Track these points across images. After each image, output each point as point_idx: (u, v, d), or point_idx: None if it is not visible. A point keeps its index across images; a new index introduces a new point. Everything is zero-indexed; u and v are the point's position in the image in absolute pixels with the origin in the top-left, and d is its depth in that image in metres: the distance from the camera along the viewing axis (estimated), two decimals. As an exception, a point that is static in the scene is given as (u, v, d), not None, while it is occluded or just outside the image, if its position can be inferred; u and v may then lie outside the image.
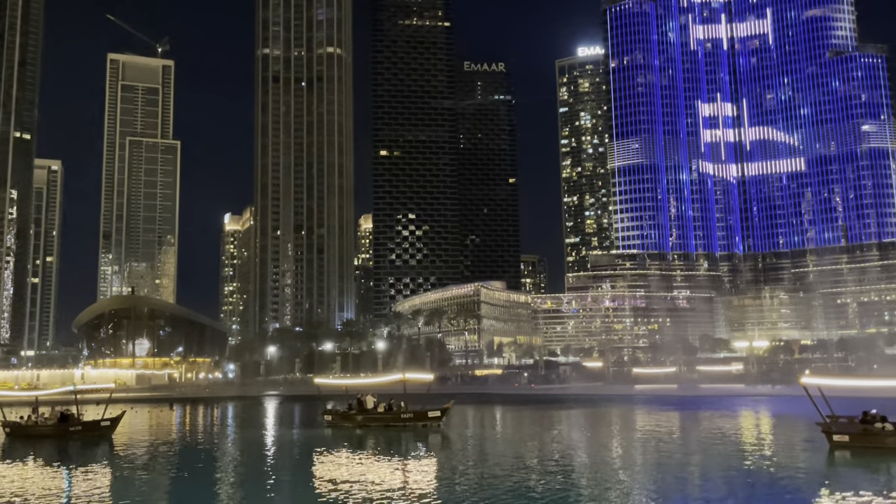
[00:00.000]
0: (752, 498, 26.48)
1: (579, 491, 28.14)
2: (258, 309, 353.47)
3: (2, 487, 32.21)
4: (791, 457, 37.44)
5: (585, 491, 28.16)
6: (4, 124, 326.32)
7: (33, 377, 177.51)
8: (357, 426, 56.98)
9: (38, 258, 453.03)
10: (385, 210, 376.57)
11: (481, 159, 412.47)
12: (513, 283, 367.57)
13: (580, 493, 27.77)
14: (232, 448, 48.48)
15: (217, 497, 29.69)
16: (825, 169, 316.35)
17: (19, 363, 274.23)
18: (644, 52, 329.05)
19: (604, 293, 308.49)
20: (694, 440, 46.45)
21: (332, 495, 27.64)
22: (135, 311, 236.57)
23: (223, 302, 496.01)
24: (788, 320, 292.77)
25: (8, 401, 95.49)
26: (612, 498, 26.46)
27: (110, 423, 55.51)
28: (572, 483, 29.98)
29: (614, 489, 28.24)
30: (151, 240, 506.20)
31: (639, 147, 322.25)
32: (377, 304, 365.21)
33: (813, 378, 47.20)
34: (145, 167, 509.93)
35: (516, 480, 30.90)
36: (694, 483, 30.43)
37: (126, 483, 33.10)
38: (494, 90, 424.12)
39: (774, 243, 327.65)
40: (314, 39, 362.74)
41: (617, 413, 72.59)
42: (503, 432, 58.16)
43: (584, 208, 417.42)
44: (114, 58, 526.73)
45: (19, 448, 48.70)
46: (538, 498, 26.48)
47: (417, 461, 38.17)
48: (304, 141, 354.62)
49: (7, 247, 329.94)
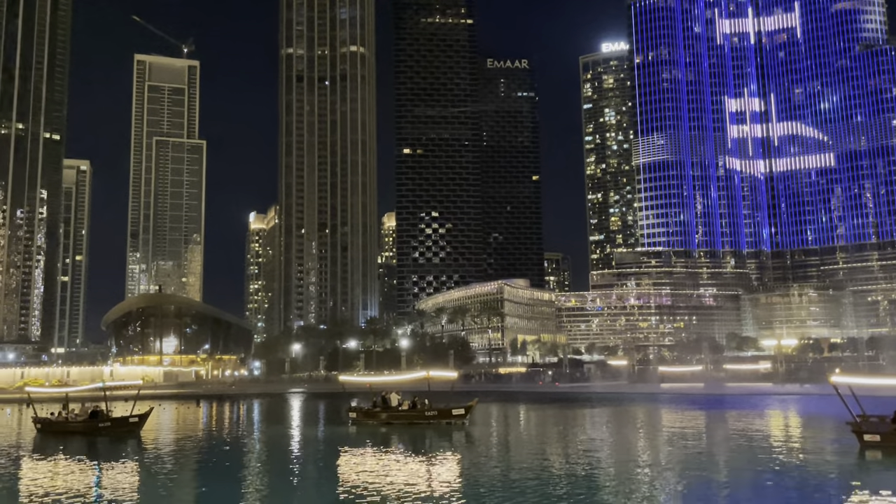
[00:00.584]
0: (780, 498, 26.10)
1: (604, 489, 27.95)
2: (283, 307, 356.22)
3: (35, 482, 32.77)
4: (820, 457, 36.86)
5: (610, 490, 27.95)
6: (34, 125, 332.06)
7: (63, 374, 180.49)
8: (381, 423, 57.16)
9: (67, 257, 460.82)
10: (408, 208, 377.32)
11: (504, 157, 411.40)
12: (536, 280, 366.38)
13: (605, 491, 27.57)
14: (258, 445, 48.88)
15: (244, 492, 29.94)
16: (855, 164, 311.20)
17: (50, 360, 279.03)
18: (669, 47, 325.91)
19: (629, 291, 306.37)
20: (721, 439, 45.93)
21: (358, 492, 27.73)
22: (162, 309, 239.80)
23: (248, 300, 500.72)
24: (817, 318, 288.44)
25: (39, 397, 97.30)
26: (638, 498, 26.23)
27: (139, 419, 56.25)
28: (597, 481, 29.78)
29: (640, 489, 28.00)
30: (178, 238, 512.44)
31: (664, 143, 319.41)
32: (400, 302, 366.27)
33: (843, 377, 46.39)
34: (172, 167, 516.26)
35: (541, 478, 30.76)
36: (720, 483, 30.07)
37: (154, 478, 33.50)
38: (517, 87, 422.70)
39: (803, 240, 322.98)
40: (337, 38, 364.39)
41: (642, 412, 72.03)
42: (527, 430, 57.97)
43: (608, 205, 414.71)
44: (140, 59, 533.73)
45: (51, 444, 49.53)
46: (563, 496, 26.34)
47: (442, 459, 38.18)
48: (328, 140, 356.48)
49: (37, 246, 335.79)
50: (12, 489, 31.16)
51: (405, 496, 26.52)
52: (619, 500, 25.94)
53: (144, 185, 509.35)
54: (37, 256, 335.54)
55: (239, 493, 29.74)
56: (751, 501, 25.42)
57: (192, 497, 29.25)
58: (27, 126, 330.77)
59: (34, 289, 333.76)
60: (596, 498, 26.25)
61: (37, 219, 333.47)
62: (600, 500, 25.88)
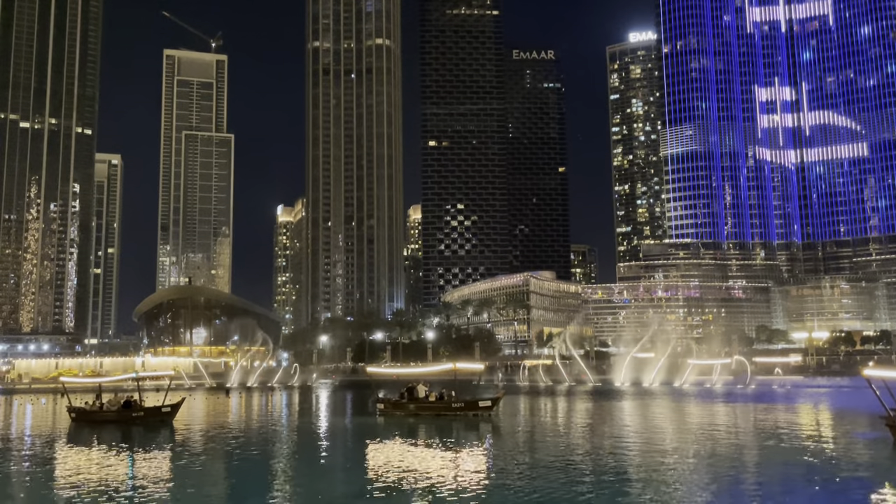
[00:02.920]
0: (811, 491, 25.86)
1: (631, 481, 27.90)
2: (310, 299, 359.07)
3: (72, 469, 33.58)
4: (852, 450, 36.40)
5: (637, 481, 27.90)
6: (67, 120, 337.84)
7: (96, 365, 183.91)
8: (409, 415, 57.51)
9: (99, 250, 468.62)
10: (434, 200, 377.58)
11: (530, 148, 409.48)
12: (562, 273, 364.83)
13: (632, 482, 27.52)
14: (286, 434, 49.50)
15: (272, 480, 30.40)
16: (889, 154, 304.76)
17: (83, 351, 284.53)
18: (698, 36, 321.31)
19: (656, 283, 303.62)
20: (750, 433, 45.52)
21: (386, 481, 28.01)
22: (192, 301, 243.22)
23: (276, 292, 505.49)
24: (850, 311, 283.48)
25: (73, 387, 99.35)
26: (665, 490, 26.15)
27: (171, 409, 57.26)
28: (624, 473, 29.73)
29: (667, 481, 27.90)
30: (207, 231, 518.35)
31: (692, 134, 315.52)
32: (426, 294, 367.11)
33: (877, 370, 45.66)
34: (201, 160, 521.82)
35: (567, 470, 30.80)
36: (749, 476, 29.84)
37: (187, 466, 34.14)
38: (544, 78, 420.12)
39: (835, 231, 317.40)
40: (363, 31, 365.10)
41: (670, 404, 71.57)
42: (553, 422, 57.95)
43: (635, 197, 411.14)
44: (170, 53, 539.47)
45: (85, 432, 50.61)
46: (590, 487, 26.36)
47: (468, 450, 38.36)
48: (354, 133, 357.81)
49: (71, 239, 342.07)
50: (50, 476, 31.96)
51: (433, 485, 26.74)
52: (647, 491, 25.89)
53: (174, 179, 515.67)
54: (70, 249, 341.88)
55: (268, 480, 30.20)
56: (781, 494, 25.23)
57: (224, 484, 29.78)
58: (60, 121, 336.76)
59: (68, 281, 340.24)
60: (623, 488, 26.23)
61: (70, 212, 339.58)
62: (627, 491, 25.85)
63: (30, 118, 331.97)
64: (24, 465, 35.23)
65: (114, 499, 25.42)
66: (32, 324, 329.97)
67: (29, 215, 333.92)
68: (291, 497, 27.02)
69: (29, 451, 40.91)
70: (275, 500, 26.40)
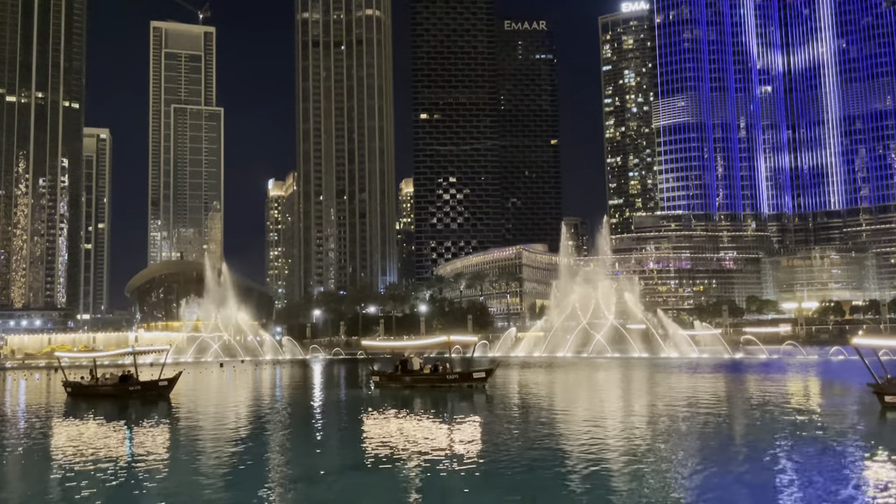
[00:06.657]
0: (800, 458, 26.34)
1: (619, 451, 28.33)
2: (303, 273, 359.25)
3: (69, 442, 33.80)
4: (841, 418, 37.00)
5: (625, 452, 28.33)
6: (53, 94, 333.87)
7: (90, 340, 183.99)
8: (404, 387, 57.97)
9: (90, 225, 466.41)
10: (426, 174, 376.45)
11: (522, 121, 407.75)
12: (555, 245, 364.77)
13: (620, 453, 27.95)
14: (282, 407, 49.86)
15: (269, 453, 30.73)
16: (881, 125, 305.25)
17: (76, 326, 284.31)
18: (691, 5, 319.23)
19: (648, 255, 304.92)
20: (739, 403, 46.14)
21: (382, 452, 28.36)
22: (184, 276, 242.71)
23: (269, 266, 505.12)
24: (839, 280, 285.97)
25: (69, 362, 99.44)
26: (653, 462, 26.57)
27: (167, 382, 57.51)
28: (613, 444, 30.17)
29: (656, 453, 28.34)
30: (198, 206, 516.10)
31: (685, 105, 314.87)
32: (419, 268, 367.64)
33: (866, 339, 46.25)
34: (190, 134, 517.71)
35: (558, 440, 31.25)
36: (739, 446, 30.34)
37: (184, 438, 34.45)
38: (536, 49, 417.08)
39: (826, 202, 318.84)
40: (353, 2, 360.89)
41: (660, 375, 72.35)
42: (546, 394, 58.56)
43: (627, 169, 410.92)
44: (156, 25, 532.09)
45: (82, 406, 50.83)
46: (580, 455, 26.79)
47: (462, 420, 38.80)
48: (345, 105, 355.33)
49: (60, 214, 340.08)
50: (47, 449, 32.18)
51: (427, 454, 27.09)
52: (635, 463, 26.31)
53: (164, 153, 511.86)
54: (60, 224, 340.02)
55: (265, 452, 30.54)
56: (770, 462, 25.69)
57: (222, 456, 30.07)
58: (47, 95, 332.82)
59: (59, 256, 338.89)
60: (612, 459, 26.65)
61: (59, 187, 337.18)
62: (615, 461, 26.28)
63: (16, 92, 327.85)
64: (21, 440, 35.43)
65: (112, 472, 25.66)
66: (24, 299, 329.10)
67: (18, 190, 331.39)
68: (288, 469, 27.34)
69: (25, 426, 41.10)
70: (272, 471, 26.72)
